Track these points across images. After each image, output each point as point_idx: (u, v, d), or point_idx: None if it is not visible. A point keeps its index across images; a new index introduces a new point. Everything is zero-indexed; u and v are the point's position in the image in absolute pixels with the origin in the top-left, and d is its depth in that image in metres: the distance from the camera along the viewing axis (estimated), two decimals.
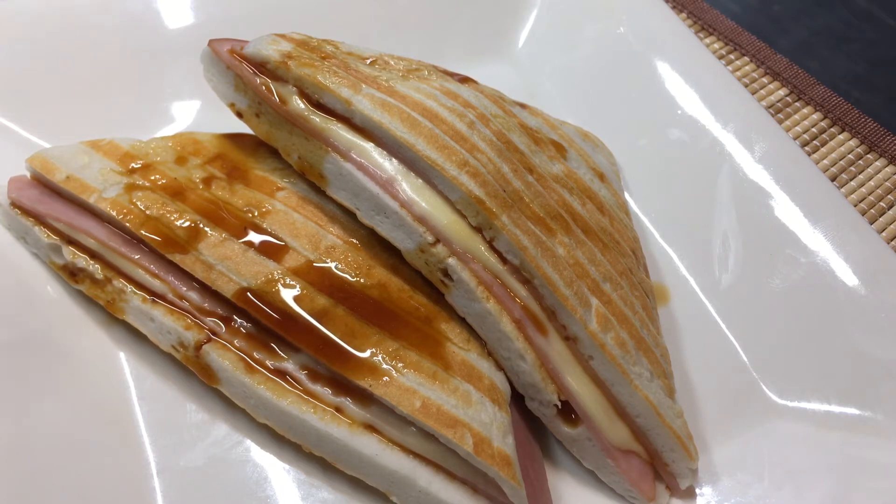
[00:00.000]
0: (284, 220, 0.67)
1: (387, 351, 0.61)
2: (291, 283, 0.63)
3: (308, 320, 0.61)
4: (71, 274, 0.70)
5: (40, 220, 0.70)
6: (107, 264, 0.68)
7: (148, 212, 0.66)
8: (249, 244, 0.65)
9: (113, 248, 0.67)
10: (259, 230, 0.66)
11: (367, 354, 0.60)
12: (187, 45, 0.83)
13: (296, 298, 0.62)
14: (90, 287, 0.69)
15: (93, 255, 0.69)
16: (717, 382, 0.76)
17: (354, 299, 0.63)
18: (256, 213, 0.67)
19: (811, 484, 0.67)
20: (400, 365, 0.60)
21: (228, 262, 0.64)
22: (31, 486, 0.57)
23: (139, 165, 0.71)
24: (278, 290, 0.62)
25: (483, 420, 0.59)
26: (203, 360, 0.63)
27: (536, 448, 0.67)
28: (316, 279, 0.63)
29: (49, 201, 0.70)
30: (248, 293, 0.62)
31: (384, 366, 0.60)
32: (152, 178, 0.70)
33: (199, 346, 0.63)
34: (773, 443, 0.71)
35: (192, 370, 0.65)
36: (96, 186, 0.68)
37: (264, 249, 0.65)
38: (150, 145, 0.74)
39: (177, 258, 0.64)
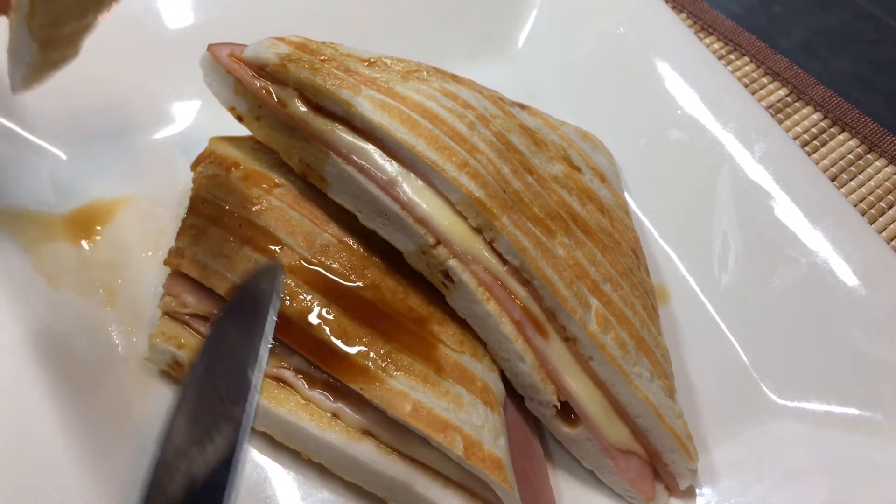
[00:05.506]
0: (280, 217, 0.66)
1: (379, 353, 0.60)
2: (286, 280, 0.62)
3: (301, 319, 0.61)
4: None
5: None
6: None
7: None
8: (244, 241, 0.65)
9: None
10: (254, 227, 0.65)
11: (359, 356, 0.59)
12: (187, 45, 0.82)
13: (290, 296, 0.61)
14: None
15: None
16: (717, 382, 0.76)
17: (347, 299, 0.62)
18: (252, 210, 0.67)
19: (811, 484, 0.67)
20: (392, 367, 0.59)
21: (223, 260, 0.63)
22: (31, 485, 0.57)
23: None
24: None
25: (474, 423, 0.58)
26: None
27: (537, 446, 0.67)
28: (310, 277, 0.63)
29: None
30: None
31: (376, 368, 0.59)
32: None
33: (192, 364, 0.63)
34: (773, 443, 0.71)
35: None
36: None
37: (259, 247, 0.64)
38: None
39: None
